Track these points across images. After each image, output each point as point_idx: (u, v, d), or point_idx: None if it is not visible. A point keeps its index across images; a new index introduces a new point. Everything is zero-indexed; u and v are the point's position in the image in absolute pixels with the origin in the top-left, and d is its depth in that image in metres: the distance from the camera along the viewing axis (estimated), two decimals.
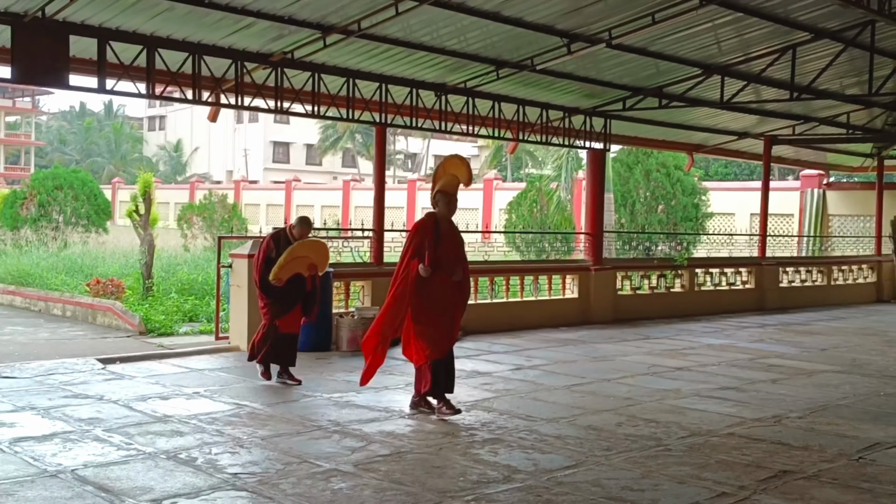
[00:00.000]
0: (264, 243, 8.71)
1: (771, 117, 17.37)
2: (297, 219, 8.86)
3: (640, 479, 5.68)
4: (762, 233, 18.85)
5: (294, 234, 8.63)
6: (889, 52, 13.76)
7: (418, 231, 7.44)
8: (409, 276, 7.32)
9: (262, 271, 8.53)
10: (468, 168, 7.74)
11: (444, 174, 7.62)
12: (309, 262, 8.50)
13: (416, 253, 7.36)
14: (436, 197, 7.56)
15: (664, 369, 10.05)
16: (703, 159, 33.34)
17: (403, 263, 7.42)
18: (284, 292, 8.49)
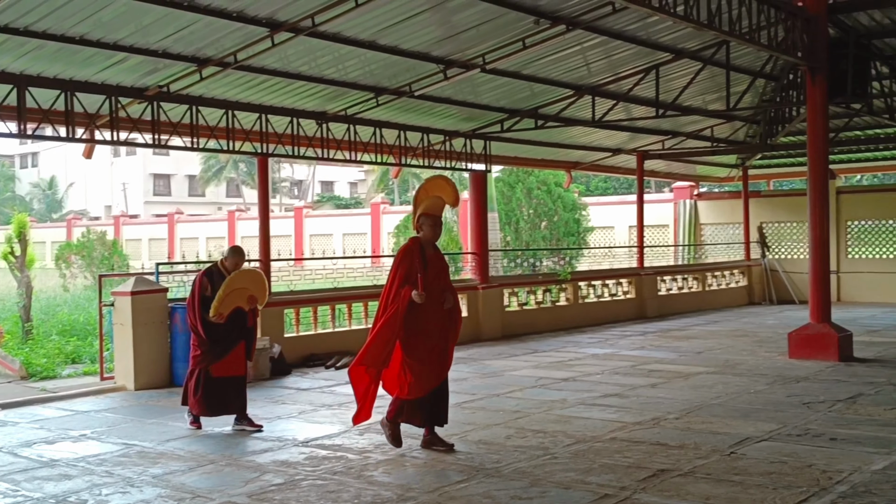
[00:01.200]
0: (197, 282, 8.06)
1: (642, 133, 18.18)
2: (229, 249, 8.34)
3: (529, 488, 5.91)
4: (640, 244, 19.64)
5: (227, 266, 8.07)
6: (744, 69, 14.67)
7: (405, 256, 6.97)
8: (400, 305, 6.83)
9: (199, 312, 7.89)
10: (454, 188, 7.30)
11: (427, 196, 7.18)
12: (248, 293, 7.95)
13: (404, 280, 6.90)
14: (419, 220, 7.08)
15: (551, 381, 10.39)
16: (585, 175, 34.47)
17: (390, 293, 6.92)
18: (225, 331, 7.92)
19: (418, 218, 7.10)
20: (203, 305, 7.88)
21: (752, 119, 18.81)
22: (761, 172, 24.31)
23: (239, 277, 7.96)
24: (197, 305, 7.94)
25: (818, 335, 11.75)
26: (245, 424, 7.99)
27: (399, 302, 6.82)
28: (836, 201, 21.26)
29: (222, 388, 7.95)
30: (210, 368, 7.91)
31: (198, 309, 7.92)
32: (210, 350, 7.92)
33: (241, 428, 7.97)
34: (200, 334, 7.92)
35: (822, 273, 11.97)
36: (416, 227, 7.13)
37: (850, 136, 19.66)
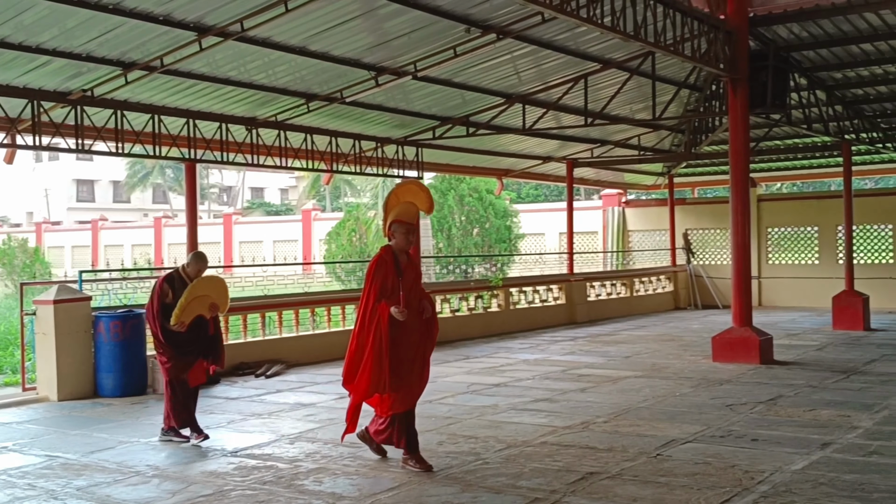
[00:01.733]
0: (156, 288, 7.74)
1: (571, 142, 18.45)
2: (191, 255, 7.98)
3: (460, 493, 5.94)
4: (570, 250, 19.91)
5: (189, 273, 7.77)
6: (669, 80, 15.01)
7: (378, 268, 6.56)
8: (381, 323, 6.44)
9: (159, 320, 7.62)
10: (427, 194, 6.91)
11: (398, 202, 6.77)
12: (210, 301, 7.68)
13: (379, 293, 6.50)
14: (391, 227, 6.68)
15: (483, 386, 10.45)
16: (516, 183, 34.80)
17: (367, 307, 6.52)
18: (188, 339, 7.66)
19: (389, 225, 6.70)
20: (163, 313, 7.62)
21: (677, 128, 19.25)
22: (686, 180, 24.88)
23: (201, 284, 7.71)
24: (157, 313, 7.66)
25: (740, 339, 12.07)
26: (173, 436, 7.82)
27: (379, 319, 6.45)
28: (756, 209, 21.91)
29: (193, 398, 7.88)
30: (187, 379, 7.75)
31: (158, 316, 7.65)
32: (178, 358, 7.69)
33: (169, 439, 7.79)
34: (162, 342, 7.68)
35: (744, 278, 12.31)
36: (388, 235, 6.74)
37: (770, 146, 20.26)
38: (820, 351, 13.22)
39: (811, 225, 22.15)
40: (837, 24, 13.12)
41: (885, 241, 21.35)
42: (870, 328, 16.16)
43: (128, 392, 10.31)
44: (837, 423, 7.97)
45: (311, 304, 13.73)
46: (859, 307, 16.23)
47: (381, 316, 6.46)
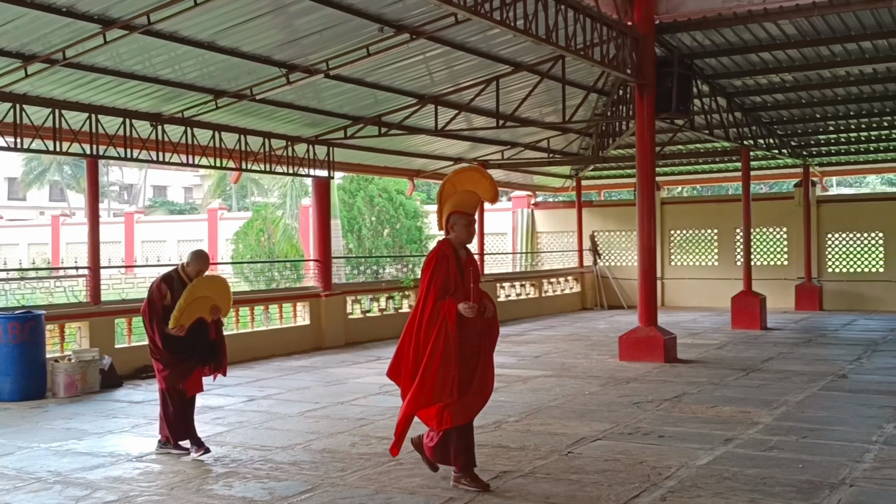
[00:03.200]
0: (154, 289, 7.19)
1: (482, 143, 18.58)
2: (191, 253, 7.37)
3: (374, 495, 5.90)
4: (480, 251, 20.05)
5: (188, 273, 7.24)
6: (578, 84, 15.26)
7: (438, 263, 5.96)
8: (449, 322, 5.82)
9: (157, 323, 7.08)
10: (491, 181, 6.17)
11: (455, 191, 6.11)
12: (211, 303, 7.17)
13: (441, 290, 5.90)
14: (450, 219, 6.06)
15: (395, 388, 10.31)
16: (426, 183, 34.82)
17: (425, 306, 5.90)
18: (188, 345, 7.14)
19: (448, 217, 6.07)
20: (161, 316, 7.09)
21: (585, 132, 19.60)
22: (593, 183, 25.36)
23: (202, 285, 7.17)
24: (155, 316, 7.13)
25: (646, 338, 12.37)
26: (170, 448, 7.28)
27: (445, 317, 5.83)
28: (660, 211, 22.50)
29: (191, 408, 7.32)
30: (185, 388, 7.20)
31: (156, 320, 7.11)
32: (176, 365, 7.14)
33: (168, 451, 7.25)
34: (160, 348, 7.12)
35: (649, 279, 12.62)
36: (446, 228, 6.11)
37: (674, 150, 20.84)
38: (720, 349, 13.66)
39: (711, 227, 22.89)
40: (738, 33, 13.59)
41: (780, 243, 22.22)
42: (766, 327, 16.78)
43: (27, 396, 9.91)
44: (739, 419, 8.24)
45: None
46: (756, 307, 16.83)
47: (448, 314, 5.82)
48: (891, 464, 6.45)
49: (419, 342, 5.89)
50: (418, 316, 5.92)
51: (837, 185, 37.16)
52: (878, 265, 21.19)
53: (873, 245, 21.27)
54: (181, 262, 7.39)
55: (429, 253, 6.09)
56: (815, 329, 16.59)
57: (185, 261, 7.32)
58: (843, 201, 23.07)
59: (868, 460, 6.58)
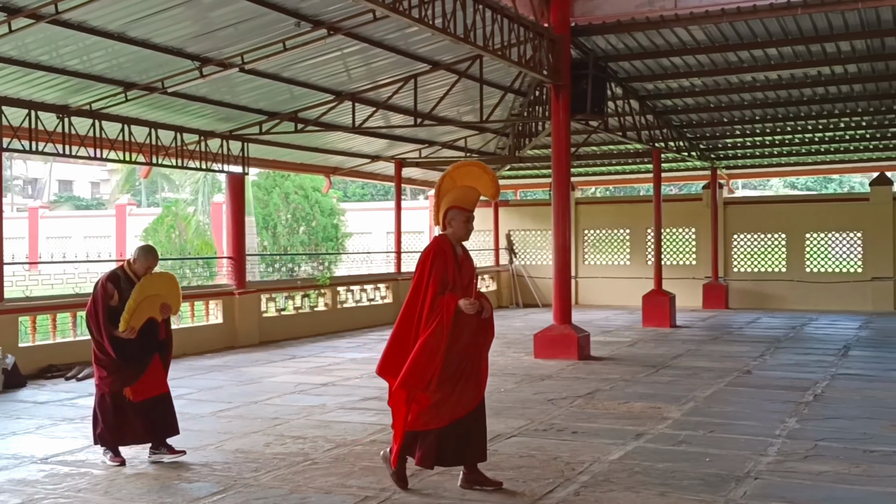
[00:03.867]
0: (99, 289, 6.67)
1: (400, 141, 18.58)
2: (139, 249, 6.86)
3: (289, 495, 5.83)
4: (397, 249, 20.04)
5: (136, 270, 6.73)
6: (495, 84, 15.39)
7: (435, 257, 5.77)
8: (444, 316, 5.66)
9: (105, 326, 6.58)
10: (492, 177, 6.00)
11: (454, 185, 5.93)
12: (161, 301, 6.72)
13: (440, 286, 5.72)
14: (448, 214, 5.89)
15: (310, 386, 10.32)
16: (343, 181, 34.61)
17: (423, 301, 5.72)
18: (138, 347, 6.64)
19: (446, 212, 5.89)
20: (110, 318, 6.60)
21: (502, 132, 19.79)
22: (510, 183, 25.60)
23: (151, 283, 6.70)
24: (102, 318, 6.60)
25: (560, 336, 12.54)
26: (164, 452, 6.82)
27: (443, 312, 5.66)
28: (575, 211, 22.86)
29: (154, 409, 6.77)
30: (130, 394, 6.66)
31: (104, 322, 6.59)
32: (121, 371, 6.64)
33: (160, 456, 6.79)
34: (110, 353, 6.59)
35: (563, 278, 12.80)
36: (443, 223, 5.92)
37: (588, 151, 21.20)
38: (632, 347, 13.95)
39: (623, 227, 23.37)
40: (651, 37, 13.92)
41: (689, 243, 22.84)
42: (675, 325, 17.22)
43: None
44: (649, 414, 8.42)
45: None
46: (666, 305, 17.26)
47: (446, 308, 5.65)
48: (793, 457, 6.69)
49: (411, 334, 5.74)
50: (418, 311, 5.73)
51: (743, 187, 38.42)
52: (780, 265, 21.98)
53: (776, 245, 22.06)
54: (127, 258, 6.93)
55: (426, 247, 5.93)
56: (721, 327, 17.10)
57: (131, 257, 6.83)
58: (748, 203, 23.87)
59: (772, 453, 6.81)
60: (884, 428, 7.70)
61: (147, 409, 6.73)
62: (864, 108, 17.65)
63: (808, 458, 6.66)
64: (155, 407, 6.78)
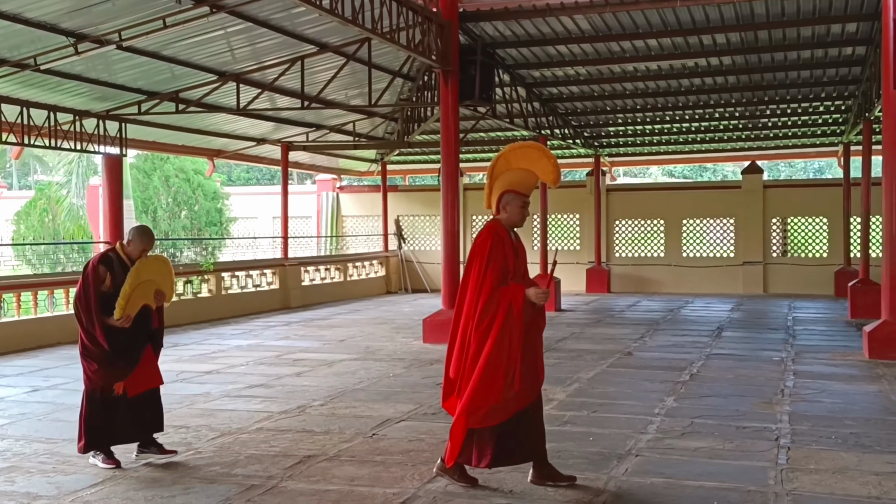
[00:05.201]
0: (90, 272, 6.06)
1: (287, 124, 18.27)
2: (134, 230, 6.27)
3: (172, 486, 5.66)
4: (284, 235, 19.74)
5: (130, 253, 6.17)
6: (384, 68, 15.31)
7: (493, 244, 5.38)
8: (514, 309, 5.27)
9: (97, 314, 5.99)
10: (553, 161, 5.51)
11: (509, 168, 5.51)
12: (155, 287, 6.20)
13: (500, 275, 5.33)
14: (503, 198, 5.48)
15: (194, 374, 10.06)
16: (226, 164, 33.79)
17: (480, 292, 5.32)
18: (131, 337, 6.12)
19: (501, 195, 5.49)
20: (103, 305, 6.02)
21: (390, 117, 19.72)
22: (398, 168, 25.59)
23: (147, 267, 6.17)
24: (94, 304, 6.02)
25: (449, 321, 12.58)
26: (156, 451, 6.32)
27: (510, 306, 5.28)
28: (464, 197, 23.01)
29: (146, 405, 6.27)
30: (125, 387, 6.12)
31: (96, 309, 6.01)
32: (114, 363, 6.07)
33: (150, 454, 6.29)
34: (102, 344, 6.01)
35: (452, 263, 12.87)
36: (497, 207, 5.51)
37: (477, 138, 21.37)
38: None
39: None
40: (537, 25, 14.11)
41: (573, 229, 23.36)
42: (560, 309, 17.58)
43: None
44: None
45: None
46: (551, 290, 17.58)
47: (514, 300, 5.27)
48: (671, 434, 6.94)
49: (476, 333, 5.32)
50: (475, 304, 5.34)
51: (624, 174, 39.51)
52: (659, 250, 22.74)
53: (655, 231, 22.81)
54: (121, 239, 6.38)
55: (480, 234, 5.49)
56: (604, 310, 17.57)
57: (125, 238, 6.28)
58: (629, 190, 24.56)
59: (651, 431, 7.04)
60: (754, 405, 8.07)
61: (140, 403, 6.23)
62: (737, 100, 18.41)
63: (684, 434, 6.92)
64: (147, 401, 6.30)
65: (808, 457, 6.23)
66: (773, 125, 20.61)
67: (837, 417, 7.52)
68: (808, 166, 42.07)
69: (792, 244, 22.10)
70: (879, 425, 7.24)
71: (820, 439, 6.70)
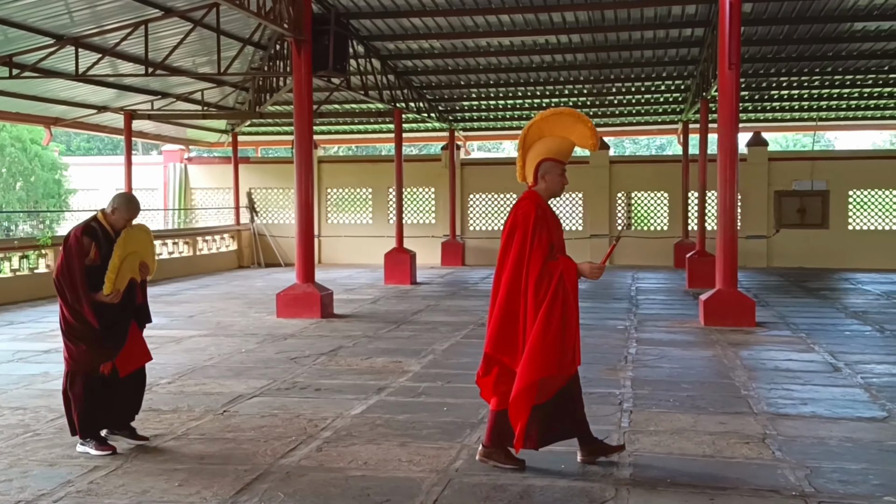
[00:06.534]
0: (73, 244, 5.60)
1: (130, 92, 17.48)
2: (119, 197, 5.80)
3: (8, 469, 5.36)
4: None
5: (114, 222, 5.73)
6: (234, 35, 14.86)
7: (538, 217, 5.17)
8: (567, 283, 5.09)
9: (83, 288, 5.55)
10: (590, 127, 5.31)
11: (542, 135, 5.31)
12: (139, 259, 5.80)
13: (547, 249, 5.13)
14: (541, 167, 5.28)
15: (31, 354, 9.54)
16: (65, 133, 32.03)
17: (532, 268, 5.10)
18: (118, 314, 5.71)
19: (539, 164, 5.29)
20: (89, 279, 5.57)
21: (241, 86, 19.19)
22: (250, 139, 24.99)
23: (133, 237, 5.74)
24: (80, 280, 5.56)
25: (303, 295, 12.48)
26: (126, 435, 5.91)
27: (562, 279, 5.08)
28: (318, 170, 22.77)
29: (130, 388, 5.90)
30: (115, 366, 5.75)
31: (82, 284, 5.56)
32: (103, 342, 5.66)
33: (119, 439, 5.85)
34: (91, 321, 5.58)
35: (306, 237, 12.71)
36: (534, 177, 5.32)
37: (331, 110, 21.12)
38: (374, 304, 14.19)
39: (366, 187, 23.63)
40: None
41: (429, 202, 23.53)
42: (416, 282, 17.72)
43: None
44: (391, 369, 8.62)
45: None
46: (407, 263, 17.70)
47: (566, 273, 5.10)
48: None
49: (531, 308, 5.08)
50: (523, 279, 5.12)
51: (479, 149, 40.07)
52: None
53: (509, 205, 23.28)
54: (103, 208, 5.89)
55: (521, 205, 5.27)
56: (458, 283, 17.82)
57: (110, 206, 5.79)
58: (483, 164, 24.92)
59: None
60: (600, 371, 8.40)
61: (130, 382, 5.90)
62: (585, 77, 18.96)
63: None
64: (136, 380, 5.98)
65: (649, 419, 6.55)
66: (619, 102, 21.36)
67: (675, 381, 7.94)
68: (651, 143, 43.93)
69: (636, 218, 23.08)
70: (713, 388, 7.69)
71: (660, 402, 7.05)
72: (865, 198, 21.57)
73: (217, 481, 5.14)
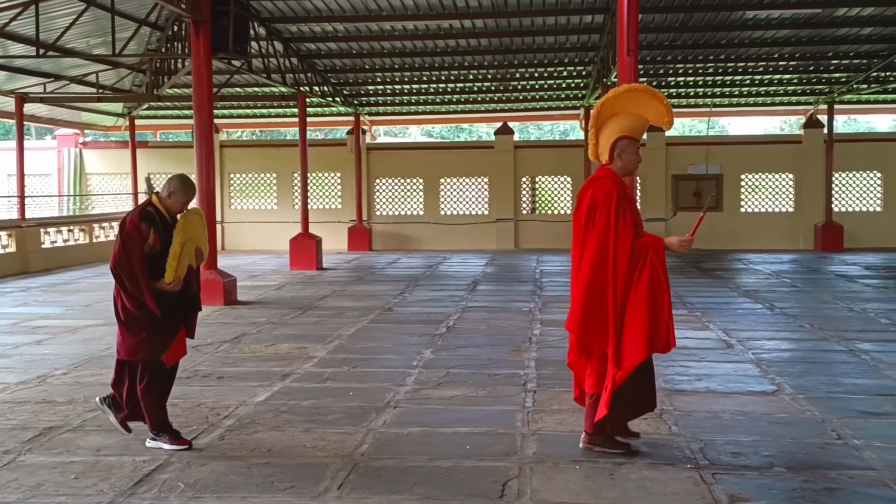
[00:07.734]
0: (130, 230, 5.28)
1: (21, 74, 16.80)
2: (175, 179, 5.48)
3: None
4: (21, 194, 18.19)
5: (170, 206, 5.41)
6: (129, 15, 14.41)
7: (619, 197, 5.04)
8: (658, 261, 5.01)
9: (144, 276, 5.24)
10: (666, 104, 5.20)
11: (617, 112, 5.18)
12: (195, 245, 5.47)
13: (632, 228, 5.02)
14: (617, 145, 5.13)
15: None
16: None
17: (621, 248, 5.00)
18: (175, 302, 5.41)
19: (615, 142, 5.14)
20: (149, 266, 5.27)
21: (138, 68, 18.62)
22: (149, 123, 24.29)
23: (191, 222, 5.44)
24: (140, 268, 5.24)
25: (206, 282, 12.14)
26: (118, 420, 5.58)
27: (652, 257, 4.99)
28: (220, 154, 22.31)
29: (169, 381, 5.59)
30: (165, 359, 5.42)
31: (142, 273, 5.24)
32: (163, 331, 5.36)
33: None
34: (153, 310, 5.26)
35: (208, 222, 12.43)
36: (610, 155, 5.18)
37: (232, 93, 20.69)
38: (279, 290, 14.02)
39: (270, 172, 23.30)
40: None
41: (335, 187, 23.36)
42: (322, 268, 17.58)
43: None
44: (296, 355, 8.54)
45: None
46: (313, 249, 17.54)
47: (656, 251, 5.02)
48: (428, 385, 7.17)
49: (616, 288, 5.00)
50: (611, 260, 5.01)
51: (385, 134, 39.95)
52: (418, 208, 23.27)
53: (415, 190, 23.30)
54: (157, 190, 5.52)
55: (599, 184, 5.12)
56: (365, 268, 17.76)
57: (165, 190, 5.46)
58: (389, 149, 24.86)
59: (410, 383, 7.23)
60: (505, 353, 8.51)
61: (172, 374, 5.63)
62: (489, 62, 19.08)
63: (441, 384, 7.17)
64: (171, 376, 5.65)
65: (552, 398, 6.68)
66: (523, 88, 21.58)
67: None
68: (554, 128, 44.55)
69: (540, 202, 23.41)
70: None
71: (562, 382, 7.19)
72: (757, 181, 22.42)
73: (115, 473, 5.01)
